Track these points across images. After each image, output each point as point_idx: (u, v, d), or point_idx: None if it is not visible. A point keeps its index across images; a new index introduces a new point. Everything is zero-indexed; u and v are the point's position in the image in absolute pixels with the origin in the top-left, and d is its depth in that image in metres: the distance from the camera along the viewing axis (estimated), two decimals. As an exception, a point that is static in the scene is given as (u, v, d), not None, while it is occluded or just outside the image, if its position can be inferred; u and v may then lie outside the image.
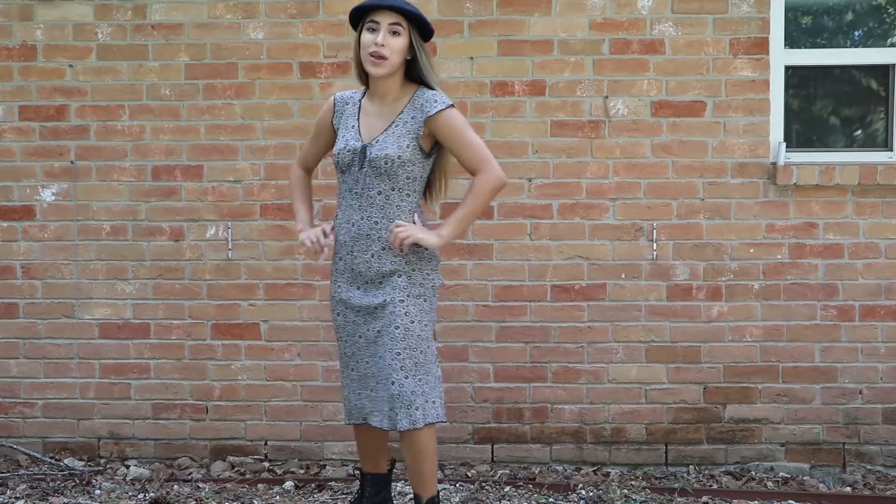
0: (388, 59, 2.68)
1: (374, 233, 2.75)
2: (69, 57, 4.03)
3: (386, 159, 2.71)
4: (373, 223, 2.76)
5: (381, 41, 2.66)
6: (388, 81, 2.76)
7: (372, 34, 2.69)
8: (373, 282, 2.78)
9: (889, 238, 3.95)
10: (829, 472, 3.94)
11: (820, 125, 4.16)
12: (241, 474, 3.90)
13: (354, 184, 2.77)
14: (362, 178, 2.75)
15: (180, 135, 4.02)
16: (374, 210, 2.75)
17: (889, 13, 4.14)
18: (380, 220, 2.75)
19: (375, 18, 2.69)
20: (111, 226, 4.05)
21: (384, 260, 2.76)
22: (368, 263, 2.77)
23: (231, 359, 4.04)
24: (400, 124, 2.75)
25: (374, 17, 2.69)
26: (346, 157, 2.77)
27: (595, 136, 3.96)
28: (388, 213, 2.75)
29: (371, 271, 2.77)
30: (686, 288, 3.97)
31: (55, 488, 3.70)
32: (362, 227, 2.76)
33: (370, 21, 2.70)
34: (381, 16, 2.68)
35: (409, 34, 2.71)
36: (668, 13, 3.94)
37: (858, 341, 3.96)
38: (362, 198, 2.76)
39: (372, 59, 2.67)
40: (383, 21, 2.68)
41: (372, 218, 2.75)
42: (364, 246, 2.77)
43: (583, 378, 3.99)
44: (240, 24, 3.99)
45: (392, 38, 2.68)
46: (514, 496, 3.63)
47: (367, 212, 2.76)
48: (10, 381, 4.09)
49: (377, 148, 2.72)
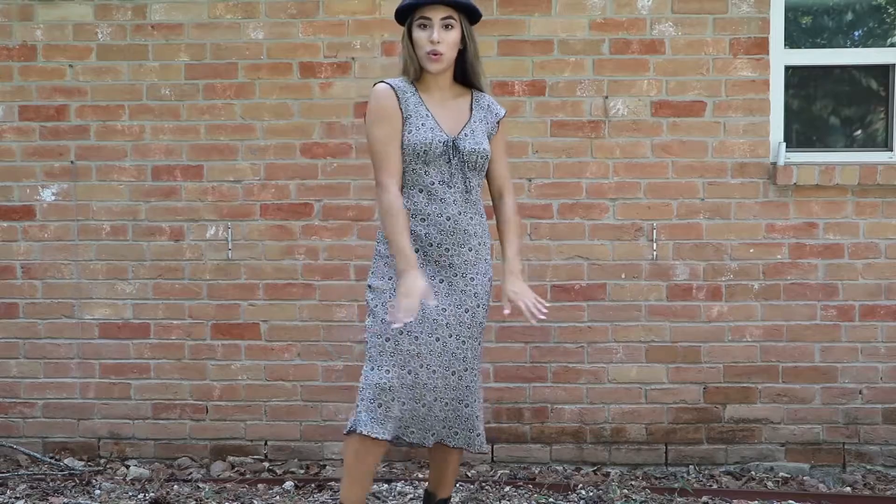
0: (444, 54, 2.62)
1: (471, 227, 2.69)
2: (69, 57, 4.03)
3: (483, 154, 2.68)
4: (468, 217, 2.69)
5: (437, 38, 2.60)
6: (445, 74, 2.70)
7: (425, 31, 2.61)
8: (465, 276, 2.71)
9: (889, 238, 3.94)
10: (829, 472, 3.94)
11: (820, 125, 4.16)
12: (241, 474, 3.90)
13: (449, 177, 2.66)
14: (456, 172, 2.66)
15: (180, 135, 4.02)
16: (469, 205, 2.69)
17: (889, 13, 4.14)
18: (474, 215, 2.70)
19: (427, 14, 2.61)
20: (111, 226, 4.05)
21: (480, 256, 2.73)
22: (465, 257, 2.69)
23: (231, 359, 4.04)
24: (477, 120, 2.73)
25: (425, 12, 2.61)
26: (438, 149, 2.64)
27: (595, 136, 3.96)
28: (479, 209, 2.73)
29: (467, 266, 2.70)
30: (686, 288, 3.97)
31: (55, 488, 3.70)
32: (460, 222, 2.67)
33: (421, 18, 2.62)
34: (433, 11, 2.60)
35: (460, 25, 2.65)
36: (668, 13, 3.94)
37: (858, 341, 3.96)
38: (458, 192, 2.67)
39: (430, 56, 2.62)
40: (435, 16, 2.60)
41: (468, 213, 2.68)
42: (462, 240, 2.68)
43: (583, 378, 3.99)
44: (240, 24, 3.99)
45: (445, 32, 2.61)
46: (514, 496, 3.63)
47: (463, 206, 2.67)
48: (10, 381, 4.09)
49: (471, 142, 2.67)
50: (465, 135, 2.68)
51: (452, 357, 2.66)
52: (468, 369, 2.70)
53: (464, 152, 2.65)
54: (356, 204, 3.99)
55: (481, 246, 2.73)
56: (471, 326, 2.70)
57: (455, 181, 2.66)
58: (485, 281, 2.74)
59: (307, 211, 4.01)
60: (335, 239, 4.00)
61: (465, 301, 2.69)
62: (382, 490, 3.68)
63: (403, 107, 2.66)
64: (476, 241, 2.71)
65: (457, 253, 2.67)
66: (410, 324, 2.56)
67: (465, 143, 2.66)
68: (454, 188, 2.66)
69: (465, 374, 2.70)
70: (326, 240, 4.01)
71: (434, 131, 2.65)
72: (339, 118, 3.96)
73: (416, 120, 2.66)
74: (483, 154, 2.68)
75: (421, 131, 2.64)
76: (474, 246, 2.70)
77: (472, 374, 2.72)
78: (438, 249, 2.67)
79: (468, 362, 2.70)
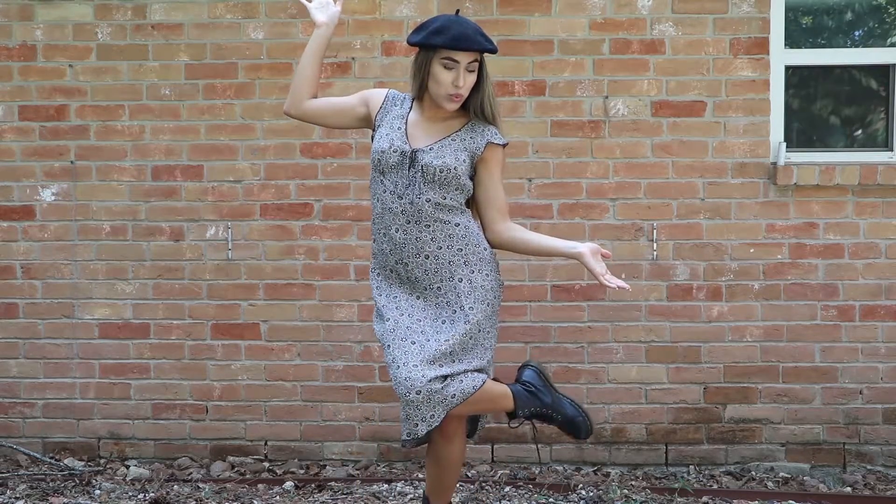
0: (464, 95, 2.63)
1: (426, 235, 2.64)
2: (69, 57, 4.03)
3: (442, 168, 2.62)
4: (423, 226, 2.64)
5: (462, 83, 2.60)
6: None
7: (449, 72, 2.58)
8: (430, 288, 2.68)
9: (889, 238, 3.94)
10: (829, 472, 3.94)
11: (820, 125, 4.16)
12: (241, 474, 3.90)
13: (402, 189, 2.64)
14: (412, 184, 2.63)
15: (180, 135, 4.02)
16: (424, 217, 2.63)
17: (889, 13, 4.14)
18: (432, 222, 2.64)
19: (455, 57, 2.57)
20: (111, 226, 4.05)
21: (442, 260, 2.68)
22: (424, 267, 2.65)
23: (231, 359, 4.04)
24: (457, 140, 2.68)
25: (454, 55, 2.57)
26: (393, 158, 2.64)
27: (595, 136, 3.96)
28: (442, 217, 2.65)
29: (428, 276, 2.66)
30: (686, 288, 3.97)
31: (55, 488, 3.70)
32: (409, 232, 2.63)
33: (447, 58, 2.57)
34: (461, 55, 2.57)
35: (481, 67, 2.66)
36: (669, 13, 3.94)
37: (859, 341, 3.96)
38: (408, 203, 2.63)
39: (452, 98, 2.61)
40: (463, 60, 2.58)
41: (422, 223, 2.63)
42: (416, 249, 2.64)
43: (583, 378, 3.99)
44: (240, 24, 3.99)
45: (469, 75, 2.62)
46: (514, 496, 3.63)
47: (416, 217, 2.63)
48: (10, 381, 4.08)
49: (432, 156, 2.63)
50: (431, 149, 2.65)
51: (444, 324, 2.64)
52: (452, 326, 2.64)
53: (420, 163, 2.63)
54: (356, 204, 3.99)
55: (441, 251, 2.64)
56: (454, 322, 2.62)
57: (408, 193, 2.63)
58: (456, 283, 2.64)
59: (307, 211, 4.01)
60: (335, 239, 4.00)
61: (441, 313, 2.64)
62: (382, 490, 3.68)
63: (380, 115, 2.73)
64: (434, 246, 2.64)
65: (414, 264, 2.65)
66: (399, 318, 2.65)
67: (425, 156, 2.63)
68: (405, 199, 2.63)
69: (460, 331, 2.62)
70: (326, 240, 4.01)
71: (395, 142, 2.65)
72: (339, 118, 3.96)
73: (384, 129, 2.69)
74: (442, 168, 2.62)
75: (383, 140, 2.67)
76: (431, 252, 2.64)
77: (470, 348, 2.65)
78: (398, 265, 2.68)
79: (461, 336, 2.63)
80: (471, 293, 2.64)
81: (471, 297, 2.64)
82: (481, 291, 2.66)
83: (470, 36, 2.57)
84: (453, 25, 2.57)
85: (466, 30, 2.57)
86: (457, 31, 2.56)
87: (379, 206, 2.69)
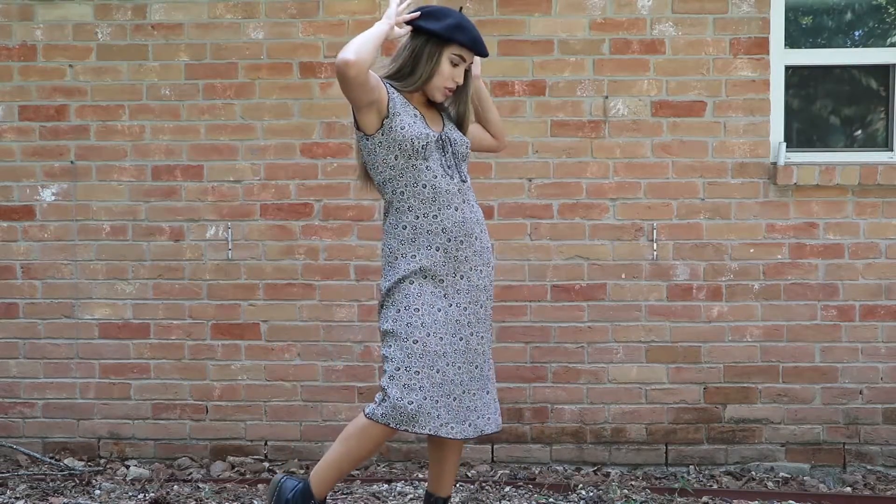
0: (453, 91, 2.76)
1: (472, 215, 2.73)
2: (69, 57, 4.03)
3: (466, 143, 2.77)
4: (470, 206, 2.72)
5: (460, 80, 2.72)
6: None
7: (455, 69, 2.68)
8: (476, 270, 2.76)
9: (889, 238, 3.94)
10: (829, 472, 3.94)
11: (820, 125, 4.16)
12: (241, 474, 3.90)
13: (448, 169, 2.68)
14: (452, 164, 2.70)
15: (180, 135, 4.02)
16: (469, 195, 2.74)
17: (889, 13, 4.14)
18: (474, 203, 2.76)
19: (465, 56, 2.68)
20: (111, 226, 4.05)
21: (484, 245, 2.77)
22: (475, 248, 2.72)
23: (231, 359, 4.04)
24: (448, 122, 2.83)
25: (465, 53, 2.68)
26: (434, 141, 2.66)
27: (595, 136, 3.96)
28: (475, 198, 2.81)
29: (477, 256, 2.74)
30: (686, 288, 3.97)
31: (55, 488, 3.70)
32: (464, 211, 2.69)
33: (459, 55, 2.67)
34: (470, 55, 2.70)
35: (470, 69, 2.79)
36: (669, 13, 3.94)
37: (859, 341, 3.96)
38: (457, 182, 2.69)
39: (446, 91, 2.71)
40: (468, 59, 2.71)
41: (469, 202, 2.72)
42: (469, 230, 2.70)
43: (583, 378, 3.99)
44: (240, 24, 3.99)
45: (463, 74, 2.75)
46: (514, 496, 3.63)
47: (465, 196, 2.71)
48: (10, 381, 4.08)
49: (456, 134, 2.76)
50: (450, 129, 2.77)
51: (475, 353, 2.72)
52: (487, 361, 2.78)
53: (455, 143, 2.72)
54: (356, 204, 3.99)
55: (483, 234, 2.76)
56: (485, 320, 2.76)
57: (453, 172, 2.69)
58: (489, 271, 2.78)
59: (307, 211, 4.01)
60: (335, 239, 4.00)
61: (479, 296, 2.73)
62: (382, 490, 3.68)
63: (391, 104, 2.64)
64: (479, 229, 2.73)
65: (468, 244, 2.69)
66: (435, 325, 2.60)
67: (453, 135, 2.74)
68: (455, 179, 2.69)
69: (485, 365, 2.76)
70: (326, 240, 4.01)
71: (426, 127, 2.69)
72: (339, 118, 3.96)
73: (405, 117, 2.64)
74: (466, 143, 2.78)
75: (416, 126, 2.64)
76: (478, 234, 2.73)
77: (490, 363, 2.81)
78: (454, 243, 2.66)
79: (486, 355, 2.77)
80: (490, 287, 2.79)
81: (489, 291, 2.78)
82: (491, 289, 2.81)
83: (483, 41, 2.70)
84: (468, 25, 2.67)
85: (479, 34, 2.69)
86: (475, 33, 2.68)
87: (429, 191, 2.64)
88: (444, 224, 2.65)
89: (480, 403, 2.74)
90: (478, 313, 2.72)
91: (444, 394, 2.63)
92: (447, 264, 2.66)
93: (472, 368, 2.71)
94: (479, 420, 2.73)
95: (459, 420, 2.67)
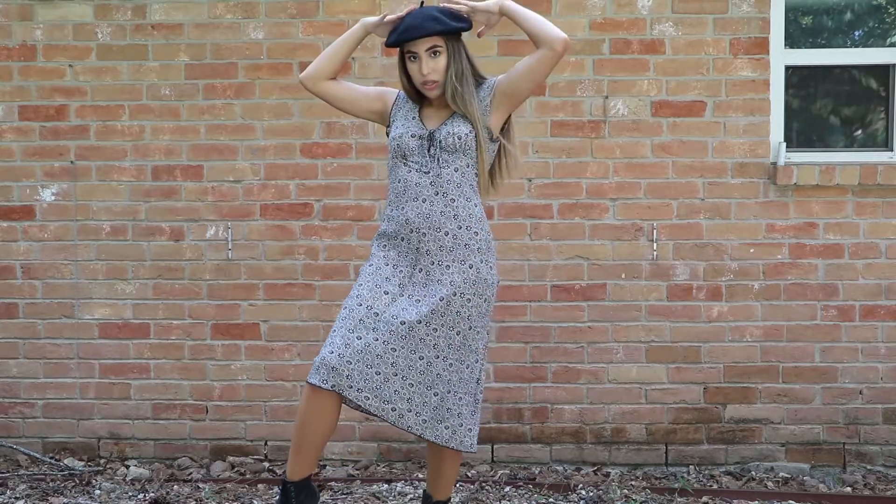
0: (438, 81, 2.66)
1: (449, 211, 2.67)
2: (69, 57, 4.03)
3: (458, 135, 2.66)
4: (449, 200, 2.68)
5: (426, 70, 2.64)
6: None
7: (415, 63, 2.66)
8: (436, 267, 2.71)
9: (889, 238, 3.94)
10: (829, 472, 3.94)
11: (820, 125, 4.16)
12: (241, 474, 3.90)
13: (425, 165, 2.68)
14: (433, 160, 2.68)
15: (180, 135, 4.02)
16: (451, 188, 2.67)
17: (889, 13, 4.14)
18: (456, 198, 2.68)
19: (413, 49, 2.64)
20: (111, 226, 4.05)
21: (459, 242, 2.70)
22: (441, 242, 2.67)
23: (231, 359, 4.04)
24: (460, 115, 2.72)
25: (411, 47, 2.63)
26: (414, 140, 2.68)
27: (595, 136, 3.96)
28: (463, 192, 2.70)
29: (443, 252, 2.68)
30: (686, 288, 3.97)
31: (55, 488, 3.70)
32: (436, 204, 2.66)
33: (408, 52, 2.65)
34: (417, 45, 2.62)
35: (447, 48, 2.66)
36: (669, 13, 3.94)
37: (858, 341, 3.96)
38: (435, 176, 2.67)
39: (425, 87, 2.68)
40: (420, 49, 2.62)
41: (449, 195, 2.67)
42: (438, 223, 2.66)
43: (583, 378, 3.99)
44: (240, 24, 3.99)
45: (433, 60, 2.64)
46: (514, 496, 3.63)
47: (443, 188, 2.67)
48: (10, 381, 4.08)
49: (447, 130, 2.68)
50: (444, 125, 2.70)
51: (423, 344, 2.62)
52: (441, 358, 2.64)
53: (438, 139, 2.68)
54: (356, 204, 4.00)
55: (462, 231, 2.67)
56: (446, 315, 2.64)
57: (431, 167, 2.67)
58: (464, 269, 2.67)
59: (307, 211, 4.01)
60: (335, 239, 4.00)
61: (441, 291, 2.64)
62: (382, 490, 3.68)
63: (394, 112, 2.79)
64: (452, 225, 2.66)
65: (433, 238, 2.66)
66: (372, 299, 2.63)
67: (441, 132, 2.69)
68: (430, 173, 2.67)
69: (437, 361, 2.63)
70: (326, 240, 4.01)
71: (412, 128, 2.72)
72: (339, 118, 3.96)
73: (398, 122, 2.77)
74: (459, 135, 2.67)
75: (399, 129, 2.73)
76: (450, 230, 2.66)
77: (448, 364, 2.66)
78: (416, 234, 2.66)
79: (441, 350, 2.64)
80: (476, 282, 2.68)
81: (472, 287, 2.67)
82: (482, 285, 2.69)
83: (417, 25, 2.61)
84: (406, 18, 2.65)
85: (415, 19, 2.62)
86: (406, 23, 2.63)
87: (401, 185, 2.70)
88: (407, 215, 2.67)
89: (419, 399, 2.62)
90: (437, 308, 2.62)
91: (364, 363, 2.56)
92: (409, 255, 2.69)
93: (414, 358, 2.60)
94: (408, 413, 2.61)
95: (380, 397, 2.58)
